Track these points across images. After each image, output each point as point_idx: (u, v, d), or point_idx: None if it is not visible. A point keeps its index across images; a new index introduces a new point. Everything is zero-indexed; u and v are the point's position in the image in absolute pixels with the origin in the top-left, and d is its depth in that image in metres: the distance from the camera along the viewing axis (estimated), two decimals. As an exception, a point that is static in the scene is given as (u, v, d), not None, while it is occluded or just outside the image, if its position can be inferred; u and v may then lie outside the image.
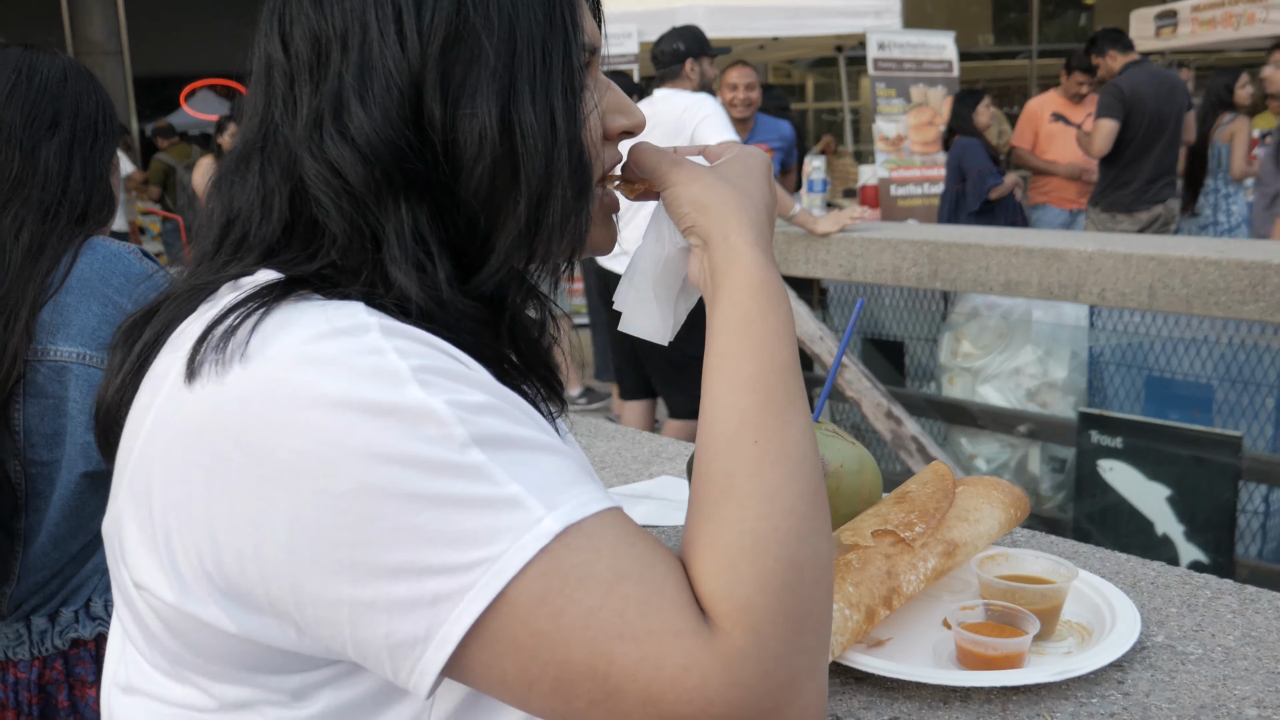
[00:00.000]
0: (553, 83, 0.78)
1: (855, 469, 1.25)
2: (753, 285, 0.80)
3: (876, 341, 4.99)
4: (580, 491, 0.69)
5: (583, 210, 0.80)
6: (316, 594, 0.68)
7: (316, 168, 0.77)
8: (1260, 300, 3.28)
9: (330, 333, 0.69)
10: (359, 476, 0.66)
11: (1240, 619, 1.13)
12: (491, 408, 0.69)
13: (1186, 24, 9.20)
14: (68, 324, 1.59)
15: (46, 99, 1.68)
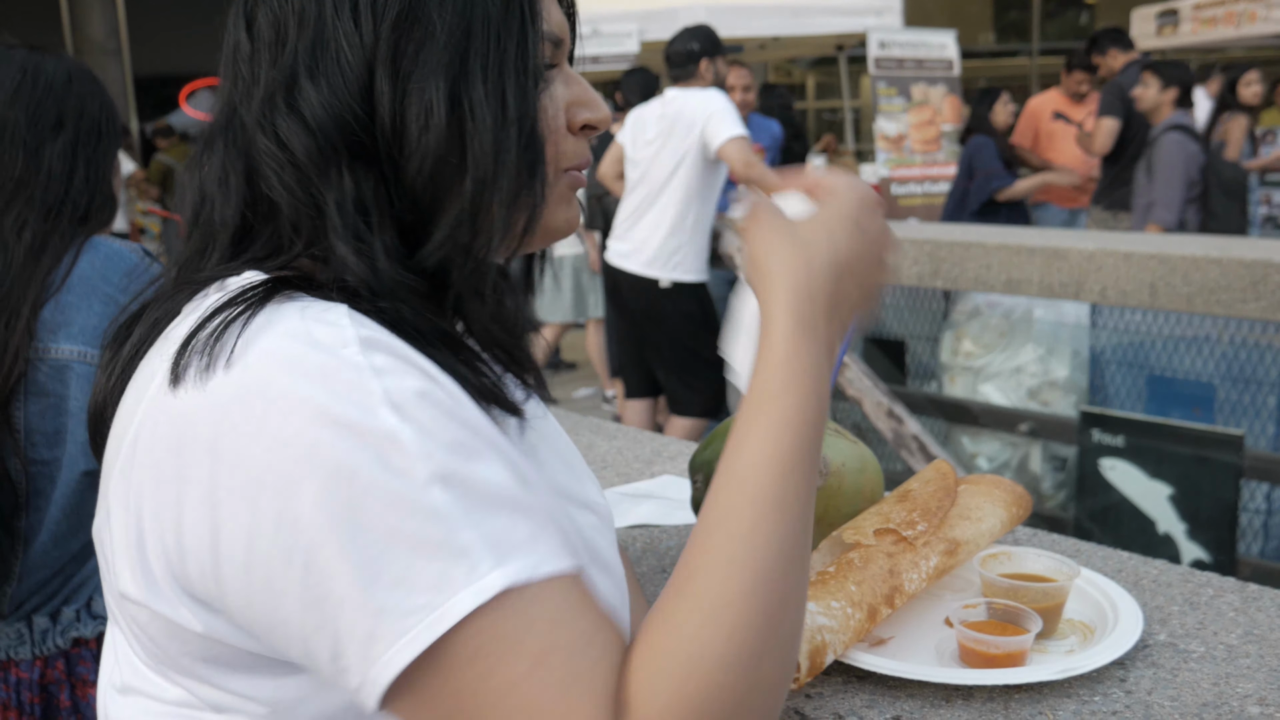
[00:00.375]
0: (505, 66, 0.78)
1: (857, 467, 1.25)
2: (775, 361, 0.78)
3: (878, 340, 4.99)
4: (534, 549, 0.68)
5: (532, 192, 0.80)
6: (268, 608, 0.68)
7: (265, 142, 0.78)
8: (1261, 299, 3.28)
9: (310, 344, 0.69)
10: (319, 498, 0.66)
11: (1243, 617, 1.13)
12: (460, 445, 0.69)
13: (1188, 22, 9.20)
14: (69, 323, 1.60)
15: (51, 99, 1.69)
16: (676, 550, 1.38)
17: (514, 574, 0.66)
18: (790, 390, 0.77)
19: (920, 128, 8.87)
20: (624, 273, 4.58)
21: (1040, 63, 17.72)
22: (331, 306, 0.72)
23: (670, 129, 4.43)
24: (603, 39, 9.09)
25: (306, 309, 0.72)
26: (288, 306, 0.72)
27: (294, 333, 0.70)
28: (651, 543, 1.41)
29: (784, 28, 9.75)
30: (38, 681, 1.63)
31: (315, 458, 0.66)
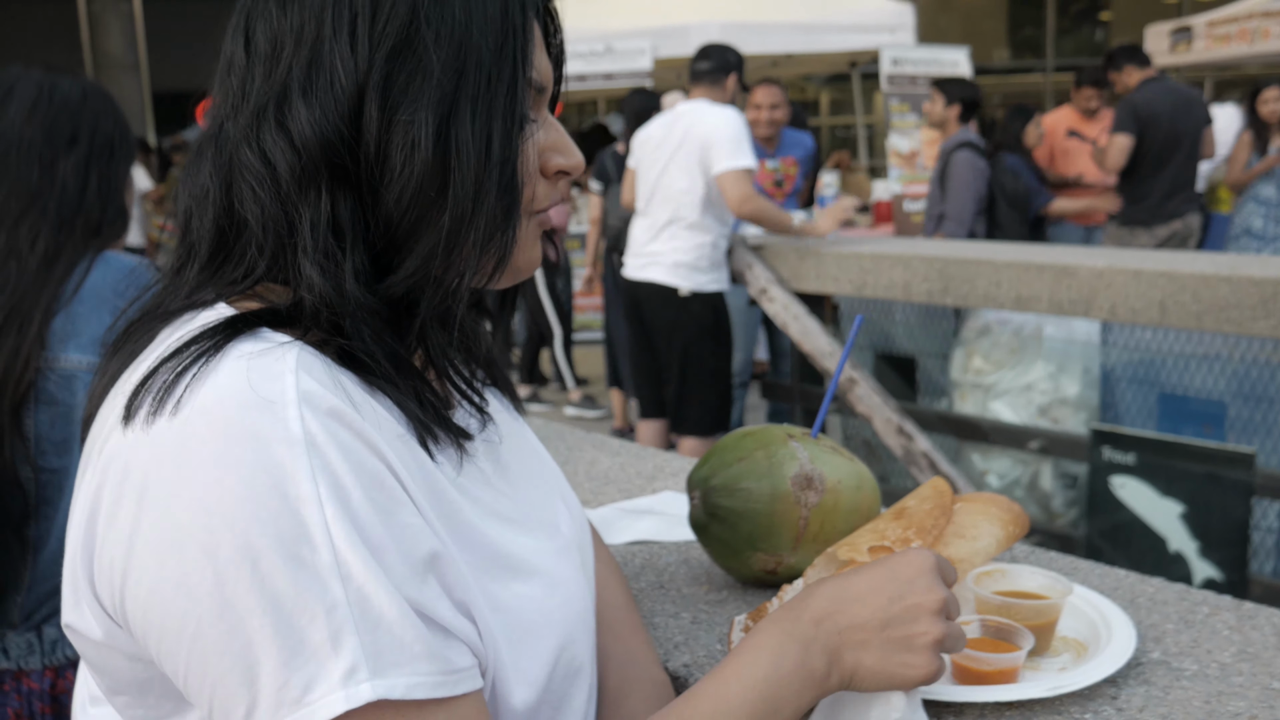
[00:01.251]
0: (494, 108, 0.80)
1: (854, 485, 1.26)
2: (754, 680, 0.80)
3: (888, 357, 4.98)
4: (416, 670, 0.70)
5: (506, 233, 0.81)
6: (159, 654, 0.71)
7: (249, 157, 0.80)
8: (1271, 317, 3.27)
9: (249, 406, 0.70)
10: (220, 575, 0.68)
11: (1238, 635, 1.13)
12: (375, 547, 0.70)
13: (1201, 39, 9.19)
14: (79, 333, 1.63)
15: (66, 116, 1.73)
16: (675, 566, 1.38)
17: (387, 690, 0.68)
18: (749, 683, 0.80)
19: (933, 144, 8.86)
20: (644, 284, 4.59)
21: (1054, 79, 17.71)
22: (283, 355, 0.73)
23: (681, 143, 4.44)
24: (616, 56, 9.13)
25: (255, 360, 0.73)
26: (238, 357, 0.73)
27: (237, 390, 0.71)
28: (651, 559, 1.41)
29: (797, 45, 9.76)
30: (49, 691, 1.65)
31: (229, 530, 0.68)
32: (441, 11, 0.79)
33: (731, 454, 1.26)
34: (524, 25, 0.83)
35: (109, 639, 0.76)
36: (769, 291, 4.57)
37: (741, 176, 4.33)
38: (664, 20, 9.06)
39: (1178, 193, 6.09)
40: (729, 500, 1.24)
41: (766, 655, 0.81)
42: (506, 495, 0.90)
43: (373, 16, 0.79)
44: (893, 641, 0.82)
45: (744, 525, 1.23)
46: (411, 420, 0.79)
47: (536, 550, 0.88)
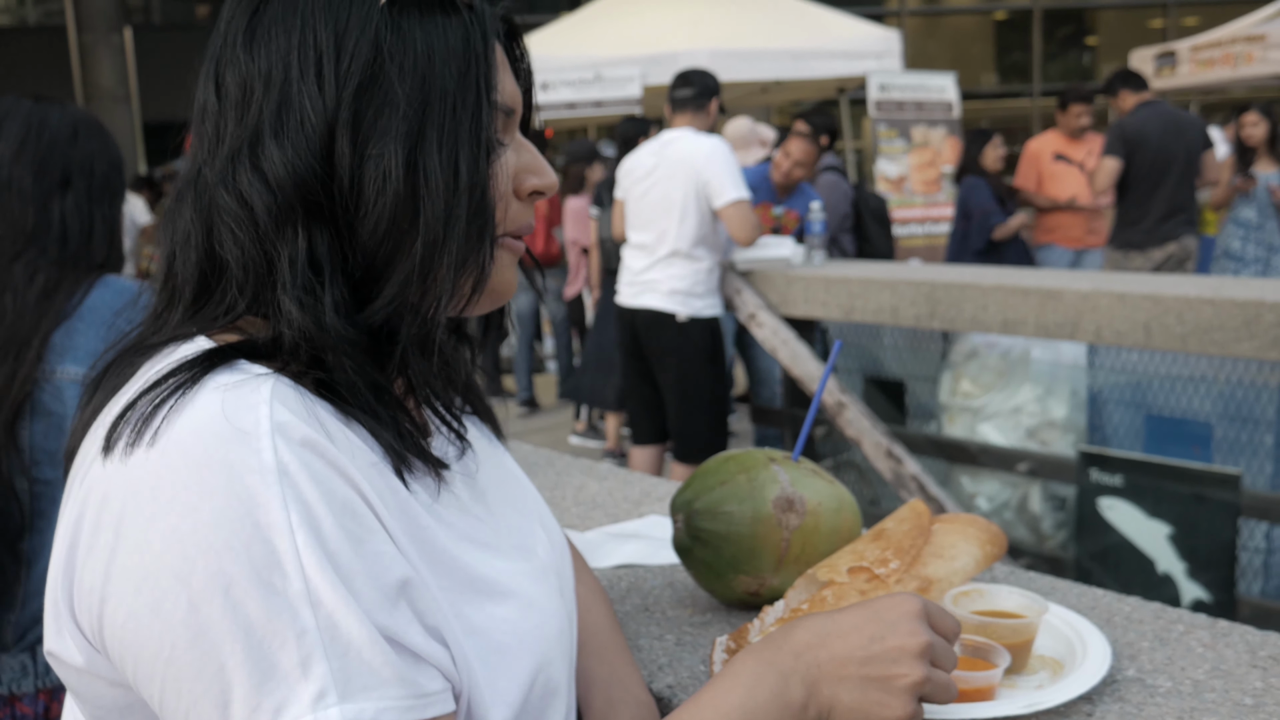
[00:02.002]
0: (460, 135, 0.82)
1: (834, 507, 1.28)
2: (730, 706, 0.82)
3: (877, 381, 5.01)
4: (385, 695, 0.72)
5: (479, 256, 0.83)
6: (136, 677, 0.73)
7: (226, 199, 0.82)
8: (1255, 338, 3.30)
9: (221, 435, 0.72)
10: (194, 602, 0.70)
11: (1211, 653, 1.15)
12: (346, 573, 0.72)
13: (1186, 64, 9.27)
14: (76, 347, 1.65)
15: (56, 155, 1.74)
16: (660, 589, 1.40)
17: (355, 714, 0.70)
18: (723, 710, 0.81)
19: (921, 169, 8.94)
20: (641, 310, 4.62)
21: (1041, 104, 17.85)
22: (258, 386, 0.75)
23: (672, 172, 4.47)
24: (606, 83, 9.19)
25: (230, 392, 0.75)
26: (214, 389, 0.75)
27: (212, 421, 0.73)
28: (636, 582, 1.43)
29: (785, 71, 9.82)
30: (43, 715, 1.65)
31: (201, 560, 0.70)
32: (404, 45, 0.82)
33: (714, 478, 1.28)
34: (486, 52, 0.85)
35: (90, 666, 0.77)
36: (758, 316, 4.60)
37: (743, 208, 4.38)
38: (653, 48, 9.13)
39: (1173, 216, 6.13)
40: (712, 523, 1.25)
41: (744, 683, 0.82)
42: (482, 520, 0.92)
43: (337, 56, 0.81)
44: (871, 680, 0.82)
45: (727, 548, 1.25)
46: (386, 449, 0.81)
47: (512, 573, 0.90)
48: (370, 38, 0.81)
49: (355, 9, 0.82)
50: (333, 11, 0.82)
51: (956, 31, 19.89)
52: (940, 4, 20.16)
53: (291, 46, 0.82)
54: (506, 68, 0.91)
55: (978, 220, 6.61)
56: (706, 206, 4.42)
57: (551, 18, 12.85)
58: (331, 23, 0.82)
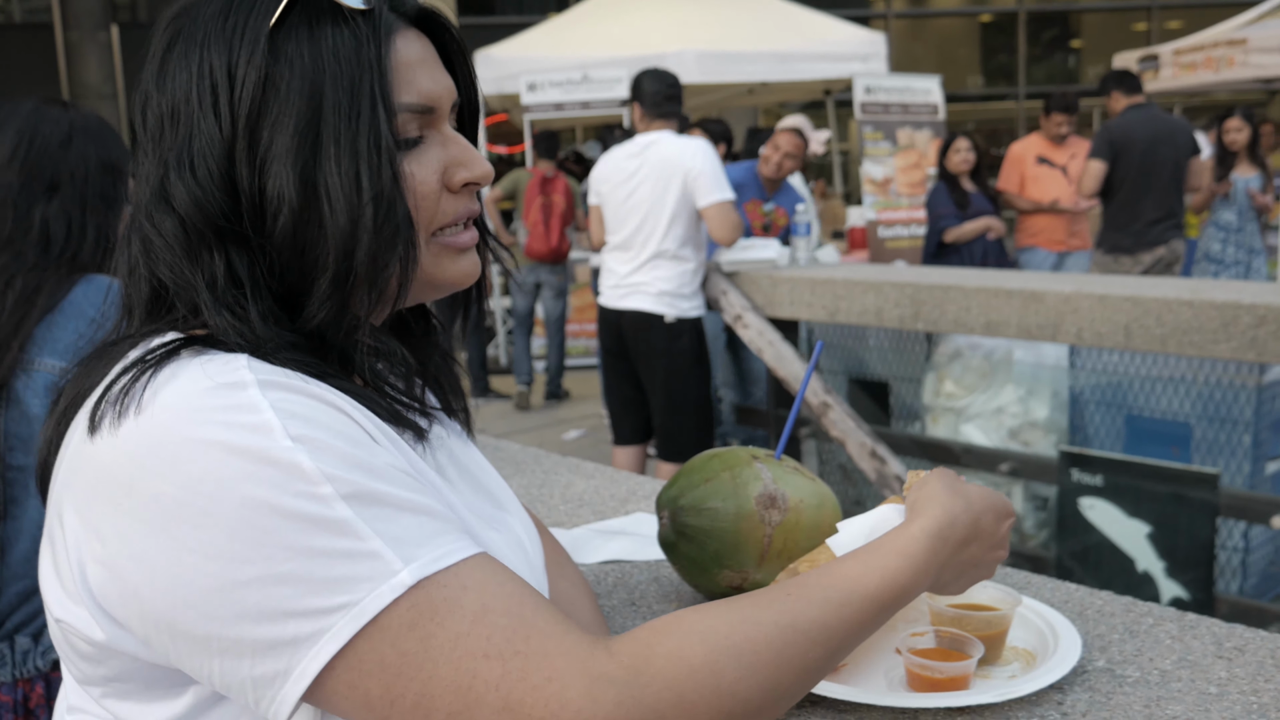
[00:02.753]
0: (358, 146, 0.84)
1: (815, 504, 1.31)
2: (898, 549, 0.94)
3: (861, 382, 5.05)
4: (439, 544, 0.76)
5: (396, 257, 0.86)
6: (188, 630, 0.75)
7: (149, 229, 0.86)
8: (1232, 339, 3.36)
9: (210, 388, 0.77)
10: (231, 525, 0.73)
11: (1178, 644, 1.19)
12: (358, 463, 0.77)
13: (1169, 67, 9.35)
14: (55, 339, 1.67)
15: (46, 161, 1.74)
16: (646, 584, 1.43)
17: (423, 568, 0.74)
18: (890, 579, 0.91)
19: (906, 171, 8.98)
20: (627, 312, 4.64)
21: (1027, 106, 17.94)
22: (233, 358, 0.80)
23: (654, 174, 4.49)
24: (593, 85, 9.21)
25: (209, 360, 0.79)
26: (191, 359, 0.80)
27: (195, 379, 0.77)
28: (623, 577, 1.46)
29: (772, 74, 9.87)
30: (21, 703, 1.66)
31: (225, 491, 0.73)
32: (291, 66, 0.84)
33: (699, 475, 1.31)
34: (378, 58, 0.86)
35: (111, 641, 0.79)
36: (744, 318, 4.64)
37: (727, 208, 4.42)
38: (640, 50, 9.15)
39: (1161, 220, 6.18)
40: (696, 519, 1.29)
41: (913, 567, 0.93)
42: (458, 490, 0.97)
43: (230, 85, 0.84)
44: (968, 574, 1.03)
45: (711, 543, 1.29)
46: (372, 408, 0.86)
47: (488, 542, 0.93)
48: (259, 63, 0.84)
49: (246, 36, 0.85)
50: (224, 42, 0.85)
51: (942, 34, 19.98)
52: (926, 6, 20.25)
53: (191, 80, 0.85)
54: (426, 64, 0.91)
55: (930, 222, 6.71)
56: (693, 207, 4.45)
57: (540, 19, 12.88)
58: (225, 53, 0.85)
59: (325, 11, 0.86)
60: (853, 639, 0.87)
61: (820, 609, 0.85)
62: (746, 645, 0.79)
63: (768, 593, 0.85)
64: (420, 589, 0.74)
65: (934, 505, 0.99)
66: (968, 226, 6.60)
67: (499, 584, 0.77)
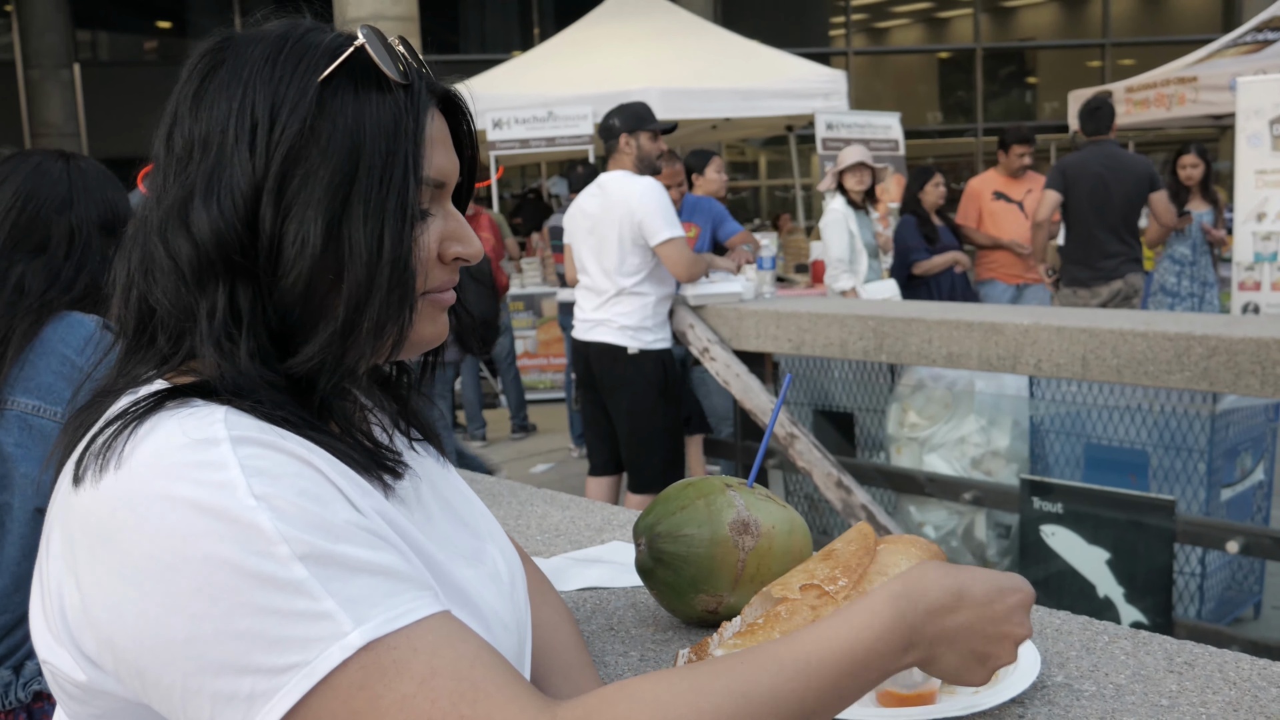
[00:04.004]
0: (386, 208, 0.88)
1: (786, 530, 1.37)
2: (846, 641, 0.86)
3: (826, 413, 5.12)
4: (393, 605, 0.78)
5: (398, 320, 0.90)
6: (156, 678, 0.79)
7: (159, 250, 0.89)
8: (1185, 370, 3.45)
9: (184, 444, 0.80)
10: (194, 580, 0.76)
11: (1132, 660, 1.25)
12: (319, 524, 0.79)
13: (1121, 104, 9.54)
14: (27, 379, 1.69)
15: (37, 225, 1.75)
16: (624, 610, 1.48)
17: (374, 629, 0.77)
18: (850, 643, 0.86)
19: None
20: (593, 344, 4.71)
21: (985, 141, 18.23)
22: (211, 411, 0.83)
23: (608, 213, 4.59)
24: (558, 121, 9.31)
25: (187, 416, 0.82)
26: (171, 413, 0.83)
27: (171, 436, 0.81)
28: (600, 604, 1.51)
29: (735, 110, 10.02)
30: None
31: (190, 548, 0.77)
32: (334, 120, 0.88)
33: (674, 503, 1.37)
34: (416, 130, 0.91)
35: (92, 682, 0.83)
36: (710, 351, 4.71)
37: (678, 245, 4.49)
38: (605, 87, 9.26)
39: (1115, 255, 6.29)
40: (673, 546, 1.34)
41: (877, 628, 0.87)
42: (430, 534, 0.98)
43: (270, 125, 0.88)
44: (976, 654, 0.93)
45: (687, 569, 1.34)
46: (346, 460, 0.89)
47: (466, 579, 0.96)
48: (303, 111, 0.88)
49: (294, 82, 0.89)
50: (272, 83, 0.89)
51: (901, 71, 20.30)
52: (885, 44, 20.57)
53: (230, 113, 0.88)
54: (443, 141, 0.96)
55: (898, 255, 6.83)
56: (645, 244, 4.53)
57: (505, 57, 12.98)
58: (269, 93, 0.88)
59: (370, 78, 0.90)
60: (816, 708, 0.83)
61: (774, 677, 0.82)
62: (693, 716, 0.78)
63: (723, 661, 0.83)
64: (370, 650, 0.76)
65: (907, 572, 0.93)
66: (936, 260, 6.73)
67: (450, 646, 0.79)
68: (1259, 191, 6.33)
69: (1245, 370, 3.31)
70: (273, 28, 0.93)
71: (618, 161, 4.70)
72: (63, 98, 15.12)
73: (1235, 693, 1.15)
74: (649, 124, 4.70)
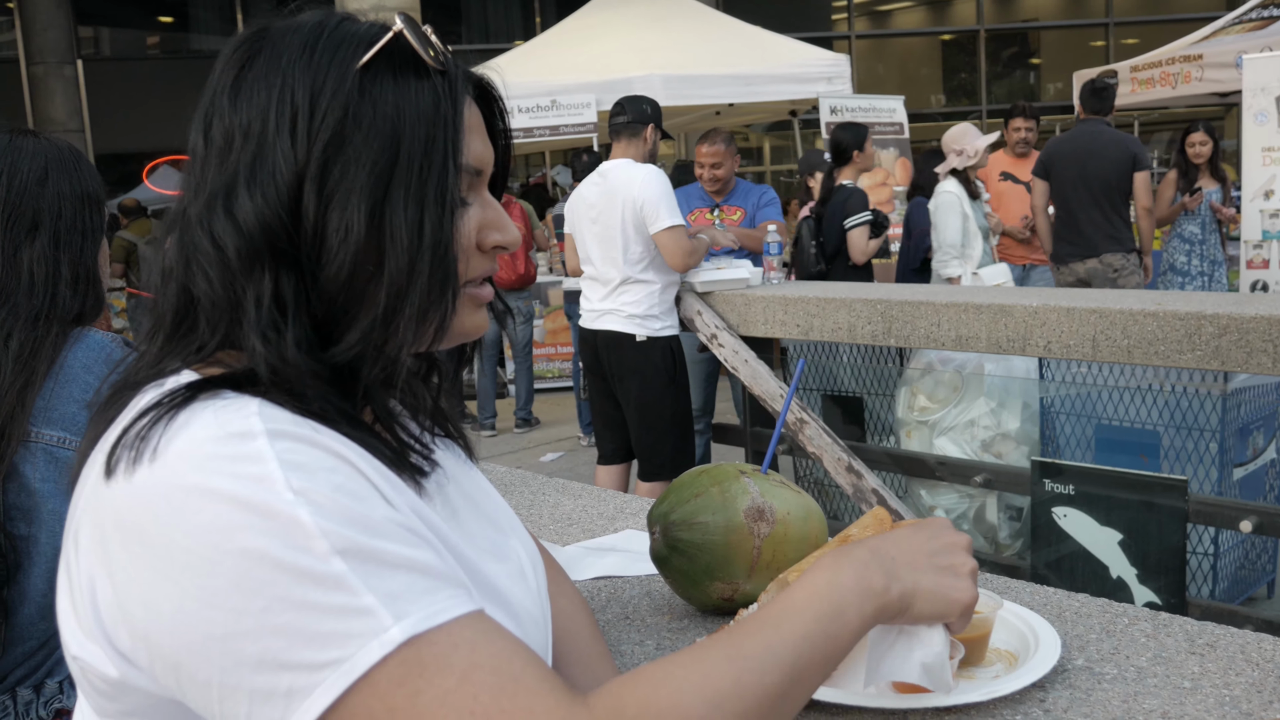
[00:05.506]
0: (426, 194, 0.88)
1: (801, 516, 1.36)
2: (817, 587, 0.91)
3: (836, 397, 5.11)
4: (432, 601, 0.78)
5: (441, 307, 0.90)
6: (192, 673, 0.78)
7: (202, 239, 0.88)
8: (1196, 349, 3.43)
9: (220, 436, 0.79)
10: (232, 575, 0.76)
11: (1153, 642, 1.24)
12: (358, 519, 0.78)
13: (1126, 83, 9.51)
14: (50, 409, 1.65)
15: (26, 201, 1.70)
16: (639, 599, 1.47)
17: (414, 625, 0.76)
18: (813, 584, 0.91)
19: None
20: (601, 332, 4.70)
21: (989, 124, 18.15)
22: (245, 404, 0.82)
23: (610, 201, 4.58)
24: (561, 110, 9.29)
25: (221, 408, 0.82)
26: (205, 405, 0.82)
27: (207, 429, 0.80)
28: (615, 593, 1.50)
29: (738, 95, 9.98)
30: None
31: (228, 542, 0.76)
32: (375, 106, 0.88)
33: (689, 490, 1.36)
34: (455, 117, 0.91)
35: (124, 678, 0.82)
36: (719, 337, 4.70)
37: (676, 234, 4.47)
38: (608, 74, 9.24)
39: (1096, 232, 6.32)
40: (688, 534, 1.33)
41: (827, 569, 0.92)
42: (457, 531, 0.97)
43: (311, 113, 0.88)
44: (940, 568, 0.98)
45: (702, 556, 1.33)
46: (377, 455, 0.88)
47: (496, 574, 0.96)
48: (343, 98, 0.88)
49: (333, 70, 0.89)
50: (311, 71, 0.89)
51: (904, 53, 20.22)
52: (887, 27, 20.49)
53: (270, 102, 0.88)
54: (479, 130, 0.97)
55: (915, 239, 6.79)
56: (646, 232, 4.52)
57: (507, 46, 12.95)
58: (309, 81, 0.88)
59: (409, 64, 0.90)
60: (808, 656, 0.87)
61: (760, 632, 0.86)
62: (704, 681, 0.80)
63: (716, 636, 0.87)
64: (410, 646, 0.76)
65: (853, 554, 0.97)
66: None
67: (489, 642, 0.79)
68: (1266, 169, 6.30)
69: (1257, 349, 3.29)
70: (307, 18, 0.93)
71: (626, 150, 4.69)
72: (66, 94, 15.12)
73: (1258, 673, 1.14)
74: (661, 122, 4.78)
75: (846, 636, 0.90)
